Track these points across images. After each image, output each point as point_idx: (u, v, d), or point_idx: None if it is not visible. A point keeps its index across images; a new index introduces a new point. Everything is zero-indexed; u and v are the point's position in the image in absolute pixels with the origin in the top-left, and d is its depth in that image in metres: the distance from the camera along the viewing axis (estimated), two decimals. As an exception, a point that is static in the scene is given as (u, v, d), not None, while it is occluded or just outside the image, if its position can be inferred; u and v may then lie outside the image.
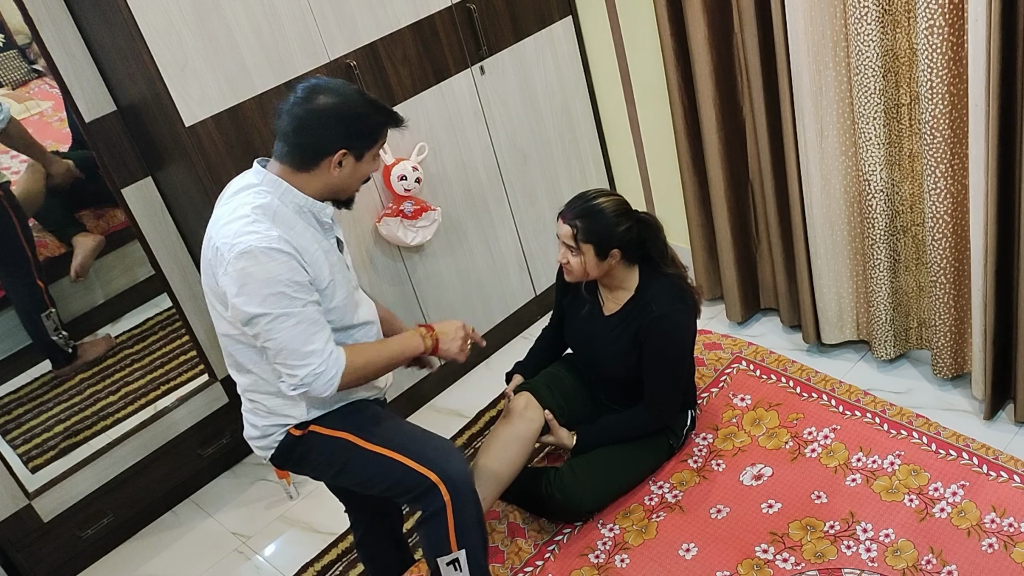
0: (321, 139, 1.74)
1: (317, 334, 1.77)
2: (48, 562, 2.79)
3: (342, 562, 2.63)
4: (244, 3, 2.42)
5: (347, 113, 1.74)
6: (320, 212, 1.83)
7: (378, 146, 1.81)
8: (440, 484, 1.90)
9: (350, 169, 1.79)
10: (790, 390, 2.74)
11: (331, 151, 1.74)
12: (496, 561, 2.44)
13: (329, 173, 1.77)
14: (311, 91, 1.75)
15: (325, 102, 1.73)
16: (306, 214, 1.81)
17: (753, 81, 2.63)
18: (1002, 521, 2.18)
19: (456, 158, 3.01)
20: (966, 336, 2.59)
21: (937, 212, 2.39)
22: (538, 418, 2.44)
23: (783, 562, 2.23)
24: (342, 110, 1.73)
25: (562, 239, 2.33)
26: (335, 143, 1.74)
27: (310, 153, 1.76)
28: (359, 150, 1.77)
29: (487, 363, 3.34)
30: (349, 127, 1.74)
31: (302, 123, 1.74)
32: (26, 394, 2.82)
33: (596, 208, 2.29)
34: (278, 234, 1.73)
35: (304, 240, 1.79)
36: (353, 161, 1.78)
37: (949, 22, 2.14)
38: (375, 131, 1.78)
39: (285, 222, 1.77)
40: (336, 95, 1.74)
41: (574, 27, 3.22)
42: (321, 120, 1.73)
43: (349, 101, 1.75)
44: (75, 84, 2.53)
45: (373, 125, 1.77)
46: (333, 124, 1.73)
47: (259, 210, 1.76)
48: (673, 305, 2.35)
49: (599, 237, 2.28)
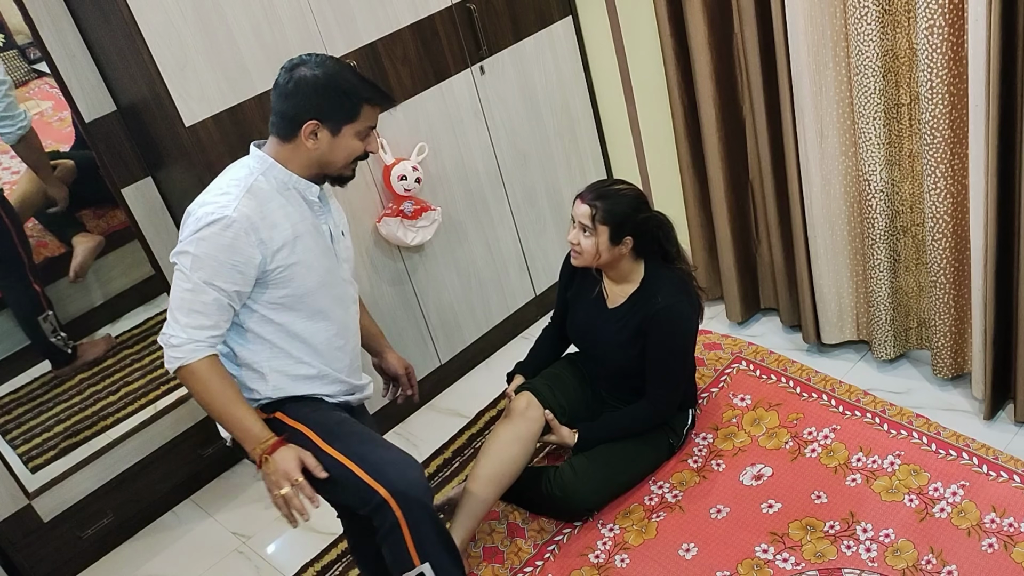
0: (296, 108, 1.79)
1: (196, 316, 1.78)
2: (48, 562, 2.79)
3: (342, 562, 2.63)
4: (244, 3, 2.42)
5: (324, 85, 1.77)
6: (305, 190, 1.85)
7: (360, 123, 1.82)
8: (390, 500, 1.86)
9: (327, 143, 1.81)
10: (790, 390, 2.74)
11: (303, 120, 1.78)
12: (496, 561, 2.45)
13: (305, 145, 1.80)
14: (297, 64, 1.80)
15: (304, 73, 1.78)
16: (290, 191, 1.84)
17: (753, 81, 2.63)
18: (1002, 521, 2.19)
19: (456, 158, 3.01)
20: (966, 336, 2.59)
21: (937, 212, 2.39)
22: (539, 418, 2.44)
23: (783, 562, 2.23)
24: (320, 82, 1.77)
25: (578, 219, 2.35)
26: (307, 113, 1.78)
27: (287, 122, 1.80)
28: (334, 123, 1.79)
29: (487, 363, 3.34)
30: (324, 99, 1.77)
31: (282, 92, 1.79)
32: (26, 394, 2.82)
33: (616, 193, 2.34)
34: (237, 207, 1.76)
35: (277, 216, 1.81)
36: (329, 135, 1.80)
37: (949, 22, 2.14)
38: (353, 107, 1.80)
39: (260, 196, 1.80)
40: (318, 68, 1.78)
41: (574, 27, 3.22)
42: (298, 90, 1.78)
43: (329, 74, 1.78)
44: (75, 84, 2.53)
45: (351, 100, 1.79)
46: (309, 95, 1.77)
47: (235, 182, 1.81)
48: (677, 297, 2.36)
49: (616, 220, 2.31)
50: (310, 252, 1.86)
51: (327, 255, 1.91)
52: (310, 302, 1.88)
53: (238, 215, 1.75)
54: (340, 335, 1.99)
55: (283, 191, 1.83)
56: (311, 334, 1.92)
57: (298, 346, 1.93)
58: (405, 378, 2.31)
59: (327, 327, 1.95)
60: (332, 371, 2.00)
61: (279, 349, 1.92)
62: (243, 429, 1.85)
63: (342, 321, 1.99)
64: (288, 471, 1.82)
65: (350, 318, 2.03)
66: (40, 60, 2.52)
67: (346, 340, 2.02)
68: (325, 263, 1.90)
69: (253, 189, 1.80)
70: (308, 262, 1.85)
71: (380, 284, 2.93)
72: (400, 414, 3.14)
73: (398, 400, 2.36)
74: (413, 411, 3.18)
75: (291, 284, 1.84)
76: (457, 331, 3.21)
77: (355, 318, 2.06)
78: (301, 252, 1.84)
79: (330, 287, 1.92)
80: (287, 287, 1.84)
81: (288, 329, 1.90)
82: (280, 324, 1.88)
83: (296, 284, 1.85)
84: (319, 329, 1.93)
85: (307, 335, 1.92)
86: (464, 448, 2.93)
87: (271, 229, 1.79)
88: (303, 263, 1.84)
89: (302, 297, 1.87)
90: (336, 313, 1.96)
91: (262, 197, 1.80)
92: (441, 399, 3.23)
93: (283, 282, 1.83)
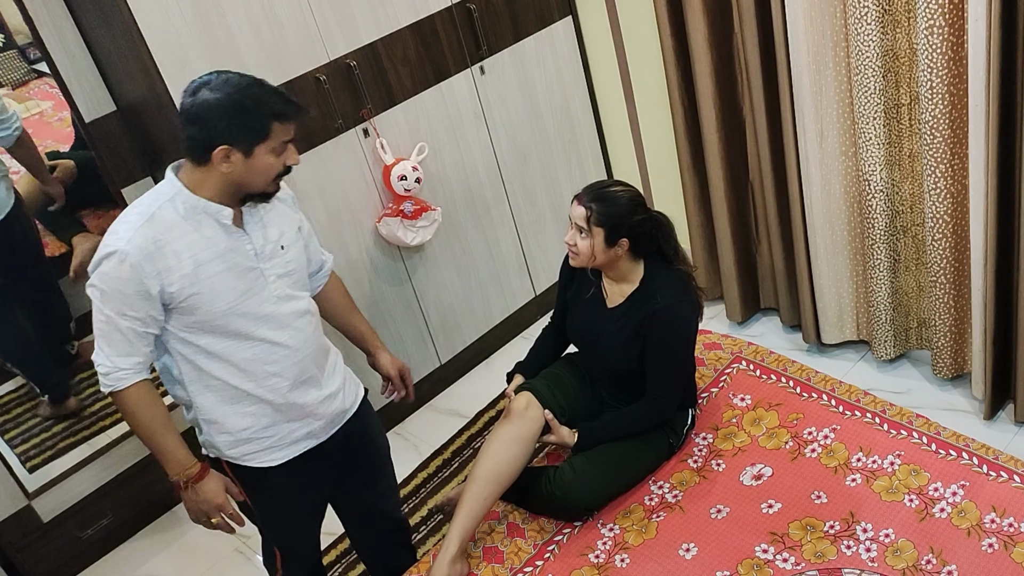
0: (203, 134, 1.73)
1: (116, 345, 1.78)
2: (48, 562, 2.79)
3: (341, 563, 2.63)
4: (244, 3, 2.42)
5: (228, 108, 1.71)
6: (217, 214, 1.78)
7: (272, 141, 1.75)
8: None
9: (242, 165, 1.74)
10: (790, 390, 2.74)
11: (213, 146, 1.72)
12: (496, 561, 2.45)
13: (219, 169, 1.75)
14: (199, 86, 1.74)
15: (207, 97, 1.71)
16: (200, 216, 1.78)
17: (753, 81, 2.63)
18: (1002, 521, 2.18)
19: (456, 158, 3.00)
20: (966, 336, 2.59)
21: (937, 212, 2.39)
22: (539, 418, 2.44)
23: (783, 562, 2.23)
24: (223, 105, 1.71)
25: (574, 220, 2.35)
26: (216, 138, 1.71)
27: (197, 147, 1.75)
28: (245, 145, 1.73)
29: (487, 363, 3.34)
30: (230, 122, 1.71)
31: (188, 117, 1.74)
32: (25, 393, 2.82)
33: (613, 195, 2.33)
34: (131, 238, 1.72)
35: (179, 245, 1.75)
36: (242, 157, 1.73)
37: (949, 22, 2.14)
38: (262, 126, 1.73)
39: (162, 225, 1.75)
40: (219, 90, 1.71)
41: (574, 27, 3.22)
42: (202, 115, 1.72)
43: (231, 96, 1.71)
44: (75, 84, 2.53)
45: (259, 120, 1.73)
46: (214, 119, 1.71)
47: (138, 211, 1.77)
48: (677, 297, 2.36)
49: (612, 222, 2.31)
50: (217, 278, 1.79)
51: (243, 278, 1.82)
52: (223, 325, 1.82)
53: (131, 247, 1.71)
54: (269, 355, 1.89)
55: (191, 217, 1.77)
56: (231, 353, 1.85)
57: (221, 366, 1.87)
58: (398, 380, 2.29)
59: (250, 347, 1.87)
60: (265, 392, 1.91)
61: (202, 371, 1.87)
62: (166, 454, 1.86)
63: (272, 339, 1.88)
64: (219, 504, 1.89)
65: (289, 336, 1.90)
66: (40, 60, 2.52)
67: (278, 358, 1.90)
68: (241, 286, 1.82)
69: (155, 218, 1.75)
70: (214, 289, 1.79)
71: (380, 284, 2.93)
72: (400, 414, 3.14)
73: (394, 400, 2.34)
74: (413, 411, 3.18)
75: (197, 311, 1.79)
76: (457, 331, 3.20)
77: (300, 334, 1.93)
78: (205, 280, 1.78)
79: (251, 308, 1.84)
80: (193, 314, 1.79)
81: (208, 351, 1.84)
82: (199, 346, 1.84)
83: (203, 311, 1.79)
84: (240, 349, 1.86)
85: (228, 355, 1.85)
86: (463, 448, 2.93)
87: (169, 259, 1.74)
88: (208, 291, 1.78)
89: (212, 322, 1.81)
90: (262, 333, 1.86)
91: (164, 226, 1.75)
92: (441, 399, 3.23)
93: (188, 309, 1.79)
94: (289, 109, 1.76)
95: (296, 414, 1.96)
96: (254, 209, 1.85)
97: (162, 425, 1.85)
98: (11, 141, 2.57)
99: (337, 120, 2.67)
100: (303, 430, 1.98)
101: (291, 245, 1.93)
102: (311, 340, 1.97)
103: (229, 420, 1.91)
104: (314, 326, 1.99)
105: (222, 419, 1.91)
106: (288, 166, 1.81)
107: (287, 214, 1.95)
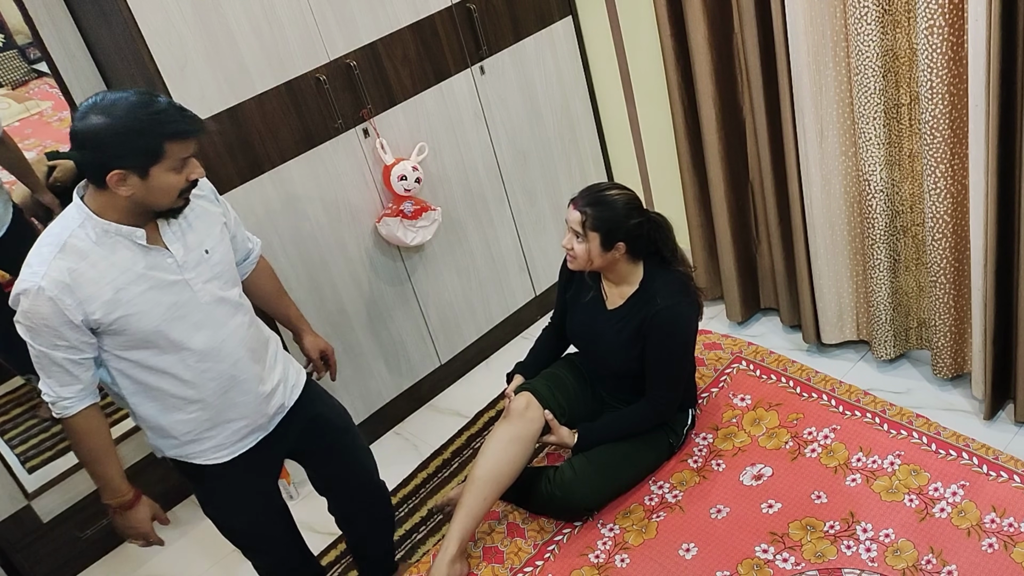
0: (95, 159, 1.67)
1: (56, 376, 1.77)
2: (48, 562, 2.79)
3: (341, 563, 2.63)
4: (244, 3, 2.42)
5: (116, 133, 1.65)
6: (130, 235, 1.75)
7: (170, 160, 1.69)
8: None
9: (140, 187, 1.69)
10: (790, 390, 2.74)
11: (107, 171, 1.66)
12: (496, 561, 2.45)
13: (117, 193, 1.69)
14: (88, 109, 1.67)
15: (94, 123, 1.65)
16: (113, 238, 1.74)
17: (753, 81, 2.63)
18: (1002, 521, 2.19)
19: (456, 158, 3.00)
20: (966, 336, 2.59)
21: (937, 212, 2.39)
22: (539, 418, 2.44)
23: (783, 562, 2.23)
24: (112, 129, 1.65)
25: (570, 224, 2.36)
26: (109, 163, 1.66)
27: (93, 172, 1.70)
28: (139, 168, 1.67)
29: (487, 363, 3.34)
30: (120, 147, 1.66)
31: (78, 142, 1.68)
32: (24, 394, 2.82)
33: (608, 199, 2.33)
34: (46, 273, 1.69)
35: (96, 272, 1.72)
36: (138, 179, 1.68)
37: (949, 22, 2.14)
38: (154, 149, 1.67)
39: (75, 254, 1.71)
40: (107, 114, 1.65)
41: (574, 27, 3.22)
42: (92, 140, 1.66)
43: (119, 121, 1.65)
44: (75, 84, 2.52)
45: (150, 142, 1.67)
46: (104, 144, 1.66)
47: (49, 243, 1.73)
48: (677, 298, 2.36)
49: (607, 227, 2.31)
50: (141, 299, 1.77)
51: (168, 291, 1.80)
52: (155, 340, 1.81)
53: (47, 282, 1.68)
54: (207, 360, 1.88)
55: (104, 242, 1.73)
56: (168, 365, 1.85)
57: (159, 377, 1.86)
58: (319, 361, 2.29)
59: (188, 356, 1.86)
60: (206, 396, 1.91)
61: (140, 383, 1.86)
62: (103, 480, 1.89)
63: (208, 344, 1.87)
64: (144, 533, 1.95)
65: (222, 337, 1.89)
66: (40, 60, 2.52)
67: (215, 362, 1.90)
68: (168, 299, 1.80)
69: (67, 247, 1.71)
70: (140, 310, 1.77)
71: (380, 284, 2.93)
72: (400, 414, 3.14)
73: (316, 379, 2.30)
74: (413, 411, 3.18)
75: (127, 331, 1.77)
76: (457, 331, 3.21)
77: (236, 334, 1.92)
78: (128, 303, 1.76)
79: (182, 319, 1.83)
80: (124, 334, 1.78)
81: (144, 364, 1.83)
82: (135, 361, 1.83)
83: (132, 330, 1.78)
84: (178, 359, 1.85)
85: (166, 367, 1.85)
86: (463, 448, 2.93)
87: (87, 287, 1.71)
88: (135, 312, 1.76)
89: (144, 339, 1.80)
90: (199, 338, 1.86)
91: (77, 254, 1.71)
92: (441, 399, 3.23)
93: (117, 331, 1.77)
94: (183, 127, 1.70)
95: (238, 413, 1.96)
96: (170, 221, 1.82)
97: (103, 453, 1.88)
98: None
99: (337, 120, 2.67)
100: (247, 428, 1.99)
101: (215, 246, 1.90)
102: (248, 337, 1.96)
103: (172, 426, 1.92)
104: (248, 321, 1.98)
105: (165, 425, 1.92)
106: (192, 180, 1.76)
107: (208, 211, 1.92)
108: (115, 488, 1.90)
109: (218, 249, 1.90)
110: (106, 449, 1.88)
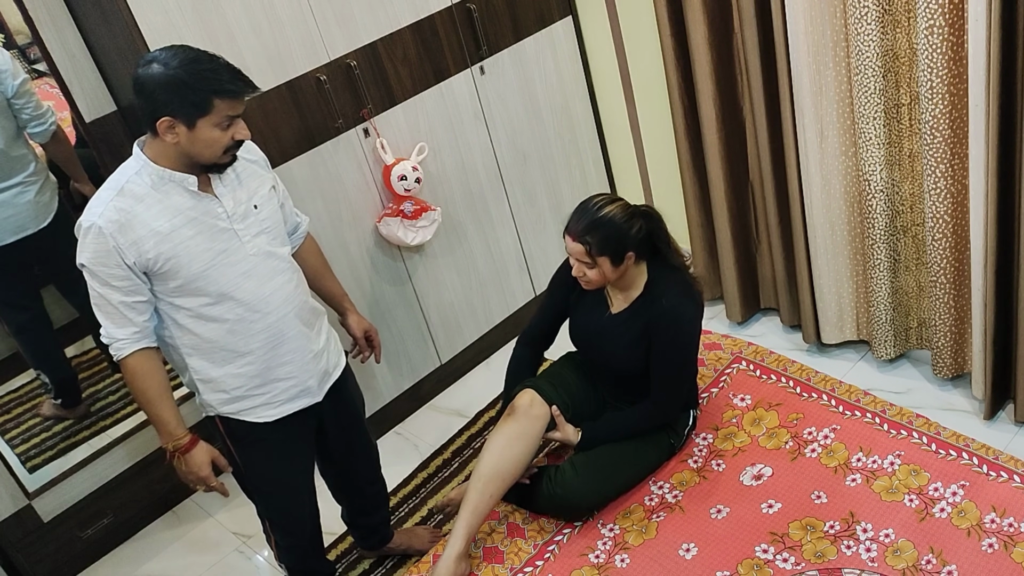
0: (148, 106, 1.80)
1: (113, 317, 1.87)
2: (48, 562, 2.79)
3: (341, 563, 2.63)
4: (244, 3, 2.42)
5: (167, 82, 1.77)
6: (182, 182, 1.86)
7: (216, 115, 1.80)
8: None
9: (185, 137, 1.80)
10: (790, 390, 2.74)
11: (157, 117, 1.79)
12: (496, 561, 2.45)
13: (166, 140, 1.82)
14: (149, 59, 1.80)
15: (152, 70, 1.78)
16: (168, 185, 1.86)
17: (753, 81, 2.63)
18: (1002, 521, 2.19)
19: (456, 158, 3.01)
20: (966, 336, 2.59)
21: (937, 212, 2.39)
22: (543, 415, 2.44)
23: (783, 562, 2.23)
24: (165, 78, 1.77)
25: (575, 256, 2.32)
26: (159, 110, 1.78)
27: (146, 119, 1.82)
28: (187, 118, 1.79)
29: (487, 363, 3.34)
30: (170, 95, 1.77)
31: (137, 89, 1.80)
32: (25, 393, 2.82)
33: (604, 219, 2.28)
34: (103, 212, 1.81)
35: (151, 215, 1.83)
36: (185, 129, 1.80)
37: (949, 22, 2.14)
38: (201, 101, 1.78)
39: (132, 197, 1.84)
40: (164, 65, 1.77)
41: (574, 27, 3.22)
42: (148, 87, 1.78)
43: (175, 70, 1.77)
44: (75, 84, 2.53)
45: (198, 95, 1.78)
46: (156, 92, 1.78)
47: (109, 186, 1.86)
48: (680, 299, 2.36)
49: (614, 246, 2.28)
50: (191, 242, 1.87)
51: (218, 239, 1.90)
52: (204, 287, 1.90)
53: (104, 221, 1.80)
54: (255, 311, 1.96)
55: (159, 187, 1.85)
56: (218, 314, 1.93)
57: (209, 327, 1.94)
58: (363, 340, 2.37)
59: (236, 306, 1.94)
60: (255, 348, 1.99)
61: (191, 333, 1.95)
62: (159, 423, 1.96)
63: (254, 295, 1.95)
64: (202, 478, 1.99)
65: (269, 290, 1.98)
66: (40, 60, 2.52)
67: (263, 314, 1.98)
68: (216, 247, 1.90)
69: (125, 191, 1.84)
70: (189, 252, 1.87)
71: (380, 284, 2.93)
72: (400, 414, 3.14)
73: (361, 361, 2.42)
74: (413, 411, 3.19)
75: (177, 275, 1.87)
76: (457, 331, 3.21)
77: (279, 289, 2.00)
78: (178, 245, 1.86)
79: (230, 267, 1.92)
80: (175, 279, 1.88)
81: (195, 312, 1.92)
82: (187, 308, 1.92)
83: (182, 274, 1.87)
84: (226, 308, 1.94)
85: (215, 315, 1.93)
86: (464, 448, 2.93)
87: (140, 228, 1.82)
88: (184, 254, 1.86)
89: (193, 284, 1.89)
90: (245, 288, 1.94)
91: (134, 198, 1.83)
92: (441, 399, 3.23)
93: (168, 275, 1.87)
94: (231, 86, 1.81)
95: (286, 372, 2.04)
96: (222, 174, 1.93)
97: (158, 395, 1.94)
98: (47, 136, 2.61)
99: (337, 120, 2.67)
100: (296, 388, 2.06)
101: (264, 204, 1.99)
102: (295, 296, 2.05)
103: (222, 379, 2.00)
104: (296, 281, 2.07)
105: (216, 379, 2.00)
106: (238, 140, 1.87)
107: (259, 174, 2.02)
108: (171, 431, 1.96)
109: (267, 207, 2.00)
110: (160, 392, 1.94)
